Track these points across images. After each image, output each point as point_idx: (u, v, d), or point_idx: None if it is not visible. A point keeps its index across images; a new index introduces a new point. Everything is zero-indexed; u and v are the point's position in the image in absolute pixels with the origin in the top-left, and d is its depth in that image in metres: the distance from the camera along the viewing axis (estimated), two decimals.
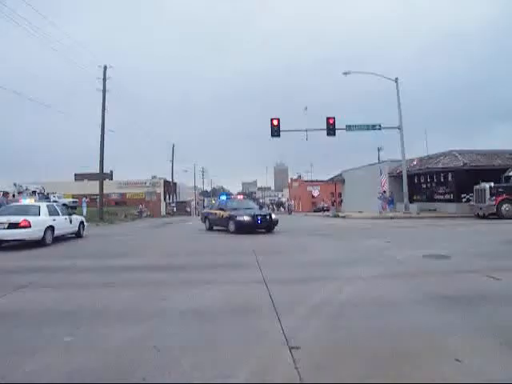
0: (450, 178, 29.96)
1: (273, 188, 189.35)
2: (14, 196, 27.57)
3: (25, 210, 14.53)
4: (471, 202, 25.41)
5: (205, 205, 62.78)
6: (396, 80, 30.24)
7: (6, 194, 19.36)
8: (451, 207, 28.65)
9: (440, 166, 30.18)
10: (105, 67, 34.28)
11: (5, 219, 13.56)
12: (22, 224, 13.41)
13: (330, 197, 58.47)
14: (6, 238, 13.55)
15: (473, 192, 24.87)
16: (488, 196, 22.94)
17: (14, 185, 32.32)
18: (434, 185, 32.11)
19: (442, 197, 31.03)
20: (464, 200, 27.84)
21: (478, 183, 24.36)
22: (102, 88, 34.02)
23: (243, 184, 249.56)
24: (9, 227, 13.35)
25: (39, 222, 14.13)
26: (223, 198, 24.39)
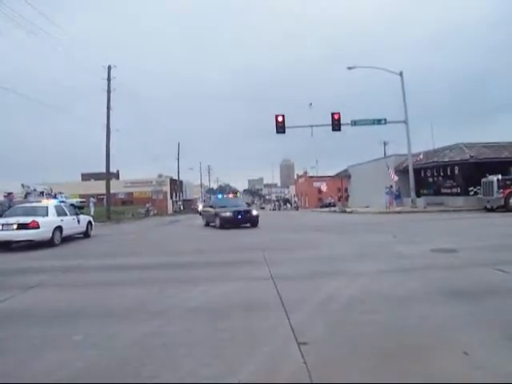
0: (456, 172, 29.76)
1: (279, 184, 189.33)
2: (25, 197, 27.78)
3: (33, 211, 14.65)
4: (479, 195, 25.26)
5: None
6: (401, 74, 30.05)
7: (9, 194, 19.48)
8: (458, 201, 28.48)
9: (447, 159, 30.00)
10: (109, 67, 34.39)
11: (14, 220, 13.69)
12: (30, 225, 13.52)
13: (337, 192, 58.28)
14: (15, 239, 13.69)
15: (480, 185, 24.72)
16: (496, 189, 22.80)
17: (22, 186, 32.53)
18: (440, 178, 31.91)
19: (449, 190, 30.84)
20: (471, 193, 27.65)
21: (485, 176, 24.21)
22: (106, 88, 34.13)
23: (249, 181, 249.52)
24: (18, 228, 13.48)
25: (47, 223, 14.23)
26: (219, 196, 26.22)
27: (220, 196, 26.30)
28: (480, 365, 3.31)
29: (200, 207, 35.19)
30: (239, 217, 19.77)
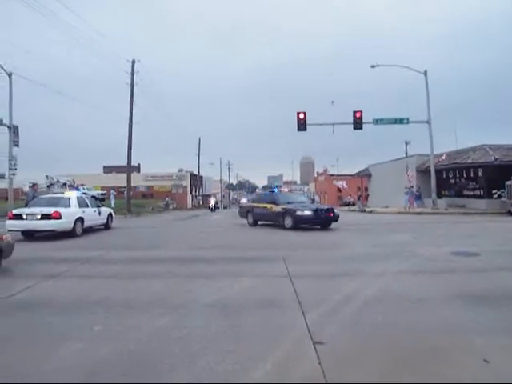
0: (480, 174, 29.16)
1: (298, 182, 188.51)
2: (48, 187, 28.31)
3: (56, 202, 14.97)
4: (502, 199, 24.75)
5: (236, 198, 62.19)
6: (425, 73, 29.54)
7: (34, 185, 19.84)
8: (481, 203, 27.91)
9: (470, 161, 29.39)
10: (133, 61, 34.72)
11: (38, 210, 14.03)
12: (53, 215, 13.82)
13: (356, 191, 57.80)
14: (38, 229, 14.04)
15: (504, 188, 24.19)
16: None
17: (46, 177, 33.24)
18: (463, 180, 31.32)
19: (471, 192, 30.26)
20: (495, 196, 27.06)
21: (509, 179, 23.68)
22: (130, 82, 34.50)
23: (269, 177, 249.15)
24: (41, 218, 13.80)
25: (69, 214, 14.52)
26: (275, 190, 20.96)
27: (276, 190, 21.12)
28: (500, 372, 3.26)
29: (244, 201, 33.48)
30: (322, 216, 16.50)
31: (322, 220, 16.56)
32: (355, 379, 3.19)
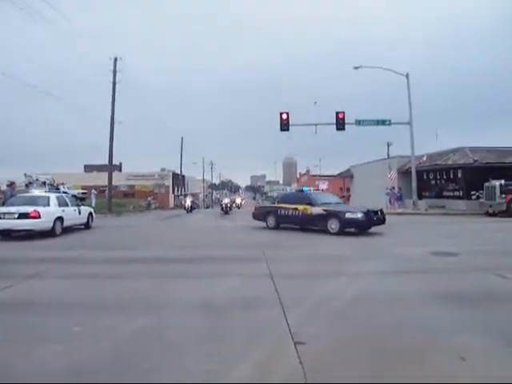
0: (459, 175, 29.67)
1: (281, 182, 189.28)
2: (27, 186, 27.72)
3: (34, 201, 14.68)
4: (481, 200, 25.19)
5: (219, 198, 60.57)
6: (407, 75, 29.91)
7: (12, 184, 19.39)
8: (460, 204, 28.40)
9: (450, 162, 29.89)
10: (115, 59, 34.26)
11: (15, 209, 13.74)
12: (31, 214, 13.55)
13: (339, 192, 58.22)
14: (15, 228, 13.74)
15: (483, 189, 24.65)
16: (498, 194, 22.73)
17: (25, 175, 32.52)
18: (443, 181, 31.83)
19: (451, 194, 30.76)
20: (474, 197, 27.57)
21: (488, 180, 24.14)
22: (112, 80, 34.07)
23: (251, 177, 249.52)
24: (19, 217, 13.51)
25: (49, 213, 14.27)
26: (305, 189, 18.40)
27: (307, 189, 18.38)
28: (477, 370, 3.31)
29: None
30: (374, 218, 14.49)
31: (373, 223, 14.56)
32: (336, 379, 3.20)
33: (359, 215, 14.02)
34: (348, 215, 14.16)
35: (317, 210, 14.95)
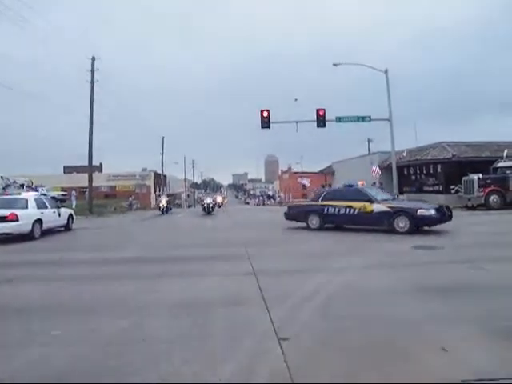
0: (439, 170, 30.15)
1: (263, 180, 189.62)
2: (4, 189, 27.08)
3: (12, 204, 14.36)
4: (460, 194, 25.63)
5: (201, 197, 58.90)
6: (386, 72, 30.19)
7: None
8: (440, 198, 28.81)
9: (429, 157, 30.36)
10: (93, 58, 33.85)
11: None
12: (9, 217, 13.26)
13: (321, 188, 58.57)
14: None
15: (461, 183, 25.07)
16: (476, 187, 23.16)
17: (1, 177, 31.77)
18: (423, 176, 32.30)
19: (431, 188, 31.23)
20: (453, 191, 28.04)
21: (466, 175, 24.56)
22: (90, 79, 33.61)
23: (233, 176, 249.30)
24: None
25: (27, 216, 13.98)
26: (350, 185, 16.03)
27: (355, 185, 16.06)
28: (458, 360, 3.35)
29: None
30: (446, 215, 13.35)
31: (444, 220, 13.33)
32: (320, 376, 3.20)
33: (432, 212, 12.90)
34: (421, 212, 12.90)
35: (380, 208, 13.54)
